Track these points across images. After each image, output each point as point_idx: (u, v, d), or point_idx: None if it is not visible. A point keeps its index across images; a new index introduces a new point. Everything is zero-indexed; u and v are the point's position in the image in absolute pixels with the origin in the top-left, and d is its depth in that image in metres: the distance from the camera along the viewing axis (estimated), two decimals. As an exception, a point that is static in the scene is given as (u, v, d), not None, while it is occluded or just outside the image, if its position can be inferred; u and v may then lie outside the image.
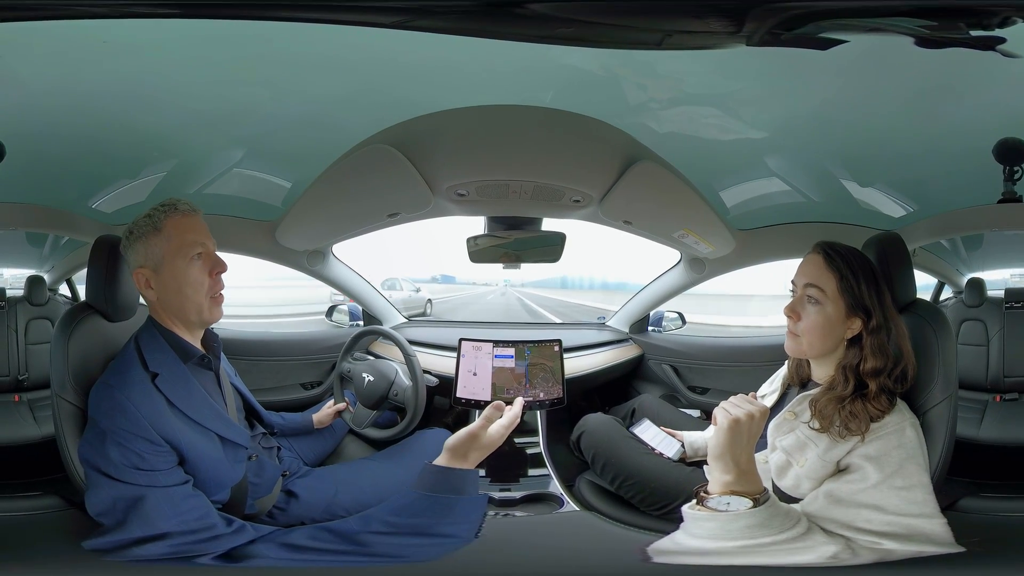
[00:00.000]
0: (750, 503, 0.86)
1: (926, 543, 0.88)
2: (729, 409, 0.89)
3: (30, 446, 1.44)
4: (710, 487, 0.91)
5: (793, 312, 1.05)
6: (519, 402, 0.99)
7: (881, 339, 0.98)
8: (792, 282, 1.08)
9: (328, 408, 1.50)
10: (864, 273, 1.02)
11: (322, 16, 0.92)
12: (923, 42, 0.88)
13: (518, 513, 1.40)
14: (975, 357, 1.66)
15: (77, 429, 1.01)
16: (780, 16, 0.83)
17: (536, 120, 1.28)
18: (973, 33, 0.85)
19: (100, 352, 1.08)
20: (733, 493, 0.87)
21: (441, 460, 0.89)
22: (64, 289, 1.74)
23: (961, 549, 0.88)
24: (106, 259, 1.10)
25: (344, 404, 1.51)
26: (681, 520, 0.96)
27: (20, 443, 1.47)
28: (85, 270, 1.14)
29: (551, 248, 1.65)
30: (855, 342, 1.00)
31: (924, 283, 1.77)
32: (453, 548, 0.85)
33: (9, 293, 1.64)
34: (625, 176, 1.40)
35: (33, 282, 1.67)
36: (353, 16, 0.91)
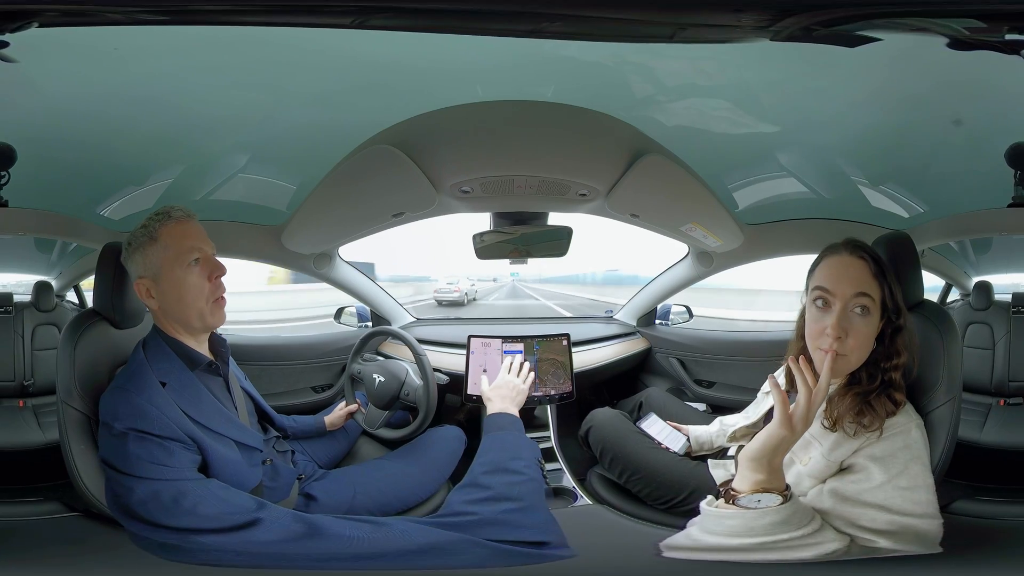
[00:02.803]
0: (779, 499, 0.86)
1: (921, 543, 0.88)
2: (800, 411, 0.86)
3: (34, 451, 1.44)
4: (739, 485, 0.89)
5: (842, 330, 0.93)
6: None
7: (904, 336, 0.97)
8: (825, 289, 0.96)
9: (340, 410, 1.50)
10: (894, 274, 0.99)
11: (279, 20, 0.90)
12: (956, 44, 0.85)
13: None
14: (980, 360, 1.67)
15: (82, 436, 1.01)
16: (832, 14, 0.80)
17: (539, 115, 1.26)
18: (1008, 36, 0.83)
19: (107, 359, 1.08)
20: (764, 491, 0.87)
21: (492, 409, 1.16)
22: (71, 295, 1.74)
23: (940, 550, 0.88)
24: (114, 266, 1.09)
25: (356, 405, 1.51)
26: (685, 515, 0.97)
27: (23, 448, 1.48)
28: (93, 277, 1.12)
29: (558, 242, 1.64)
30: (878, 339, 0.98)
31: (931, 284, 1.76)
32: (534, 488, 0.96)
33: (16, 298, 1.64)
34: (632, 169, 1.39)
35: (40, 288, 1.66)
36: (309, 18, 0.90)
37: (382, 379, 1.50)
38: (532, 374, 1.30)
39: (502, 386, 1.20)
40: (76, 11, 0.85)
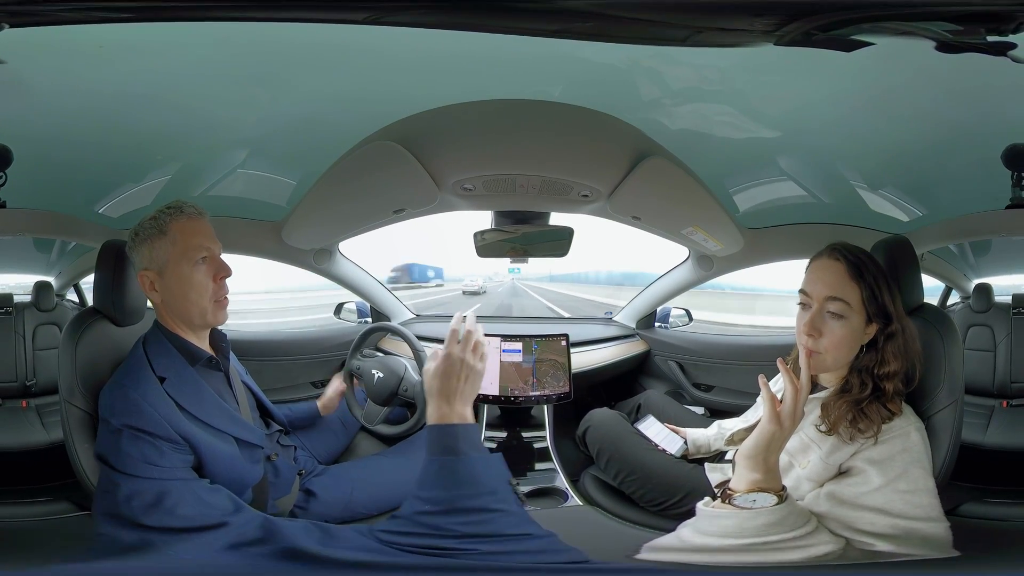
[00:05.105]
0: (775, 499, 0.87)
1: (925, 546, 0.88)
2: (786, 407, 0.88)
3: (38, 451, 1.44)
4: (735, 484, 0.90)
5: (814, 330, 0.97)
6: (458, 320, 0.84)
7: (899, 343, 0.96)
8: (804, 292, 1.00)
9: (330, 391, 1.49)
10: (884, 279, 0.98)
11: (292, 15, 0.89)
12: (943, 47, 0.86)
13: (527, 508, 1.41)
14: (982, 362, 1.66)
15: (86, 434, 1.01)
16: (826, 18, 0.81)
17: (543, 115, 1.25)
18: (990, 38, 0.84)
19: (108, 357, 1.08)
20: (760, 490, 0.88)
21: (431, 415, 0.77)
22: (71, 295, 1.74)
23: (956, 554, 0.88)
24: (113, 264, 1.09)
25: (343, 386, 1.51)
26: (678, 518, 0.97)
27: (28, 448, 1.47)
28: (92, 275, 1.12)
29: (559, 242, 1.64)
30: (870, 345, 0.98)
31: (931, 287, 1.76)
32: (494, 527, 0.72)
33: (16, 299, 1.63)
34: (635, 172, 1.38)
35: (40, 288, 1.66)
36: (323, 14, 0.89)
37: (381, 375, 1.51)
38: (487, 344, 0.85)
39: (443, 371, 0.79)
40: (26, 11, 0.83)
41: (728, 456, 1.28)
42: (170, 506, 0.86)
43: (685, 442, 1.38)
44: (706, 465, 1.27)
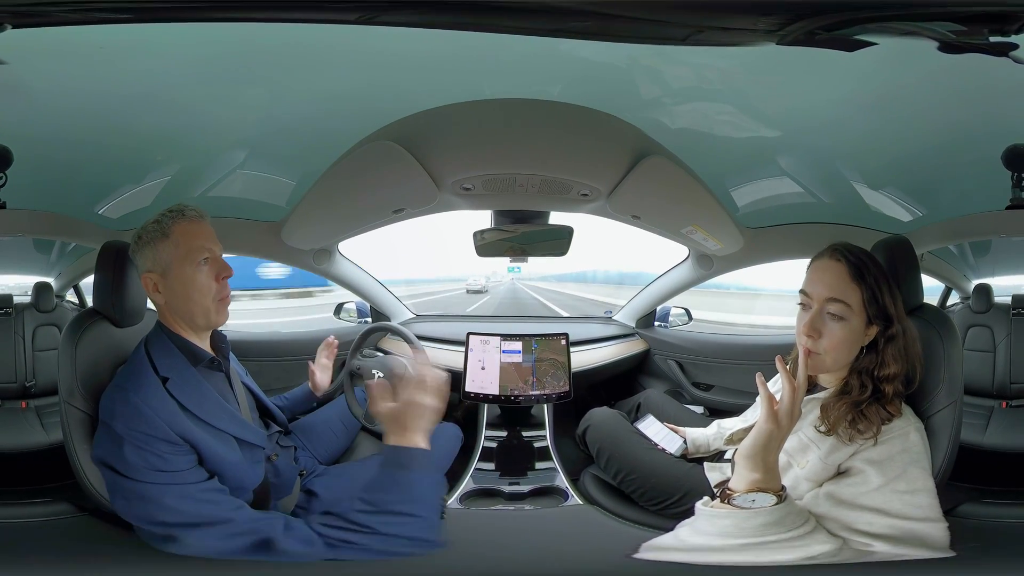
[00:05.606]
0: (774, 499, 0.87)
1: (923, 547, 0.89)
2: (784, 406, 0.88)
3: (38, 452, 1.45)
4: (735, 484, 0.90)
5: (814, 331, 0.97)
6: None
7: (899, 345, 0.96)
8: (805, 292, 1.00)
9: (313, 371, 1.48)
10: (886, 280, 0.98)
11: (291, 16, 0.89)
12: (946, 47, 0.86)
13: (527, 507, 1.42)
14: (981, 363, 1.67)
15: (86, 435, 1.01)
16: (829, 18, 0.81)
17: (543, 114, 1.25)
18: (992, 39, 0.84)
19: (108, 358, 1.08)
20: (759, 490, 0.88)
21: (389, 439, 0.91)
22: (71, 295, 1.74)
23: (954, 554, 0.88)
24: (113, 265, 1.09)
25: (325, 361, 1.50)
26: (677, 517, 0.97)
27: (28, 450, 1.48)
28: (92, 276, 1.13)
29: (558, 242, 1.64)
30: (871, 347, 0.98)
31: (931, 287, 1.76)
32: (412, 529, 0.86)
33: (16, 300, 1.64)
34: (635, 171, 1.38)
35: (40, 288, 1.67)
36: (322, 14, 0.89)
37: (381, 375, 1.50)
38: (440, 377, 0.92)
39: (399, 411, 0.89)
40: (27, 12, 0.83)
41: (727, 456, 1.28)
42: (179, 506, 0.89)
43: (684, 441, 1.38)
44: (705, 465, 1.27)
